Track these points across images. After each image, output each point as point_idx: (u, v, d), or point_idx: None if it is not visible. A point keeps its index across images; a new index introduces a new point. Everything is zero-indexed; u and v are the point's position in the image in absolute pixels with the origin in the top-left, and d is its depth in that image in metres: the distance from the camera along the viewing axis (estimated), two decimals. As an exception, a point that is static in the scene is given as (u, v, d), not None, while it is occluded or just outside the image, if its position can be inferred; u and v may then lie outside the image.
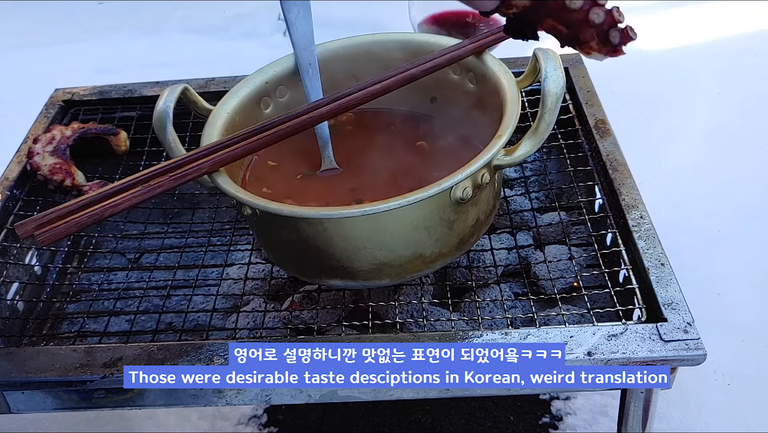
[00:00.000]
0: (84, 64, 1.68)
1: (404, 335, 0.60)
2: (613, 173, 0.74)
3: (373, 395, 0.63)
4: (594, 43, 0.42)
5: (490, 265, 0.73)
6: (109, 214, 0.59)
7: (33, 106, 0.96)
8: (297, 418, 0.91)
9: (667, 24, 1.66)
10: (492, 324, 0.68)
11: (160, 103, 0.65)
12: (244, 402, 0.64)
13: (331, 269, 0.62)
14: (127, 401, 0.64)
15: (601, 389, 0.62)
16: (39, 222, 0.57)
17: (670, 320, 0.59)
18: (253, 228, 0.69)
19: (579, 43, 0.43)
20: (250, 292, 0.74)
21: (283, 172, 0.72)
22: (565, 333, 0.59)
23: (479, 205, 0.62)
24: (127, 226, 0.84)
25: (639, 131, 1.32)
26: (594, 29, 0.41)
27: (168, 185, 0.61)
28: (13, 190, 0.81)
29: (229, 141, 0.63)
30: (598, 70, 0.79)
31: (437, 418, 0.89)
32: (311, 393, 0.63)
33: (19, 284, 0.78)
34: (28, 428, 0.90)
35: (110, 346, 0.62)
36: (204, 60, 1.53)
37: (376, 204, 0.55)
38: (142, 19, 1.85)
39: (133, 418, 0.92)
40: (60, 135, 0.86)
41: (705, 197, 1.17)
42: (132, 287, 0.79)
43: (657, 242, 0.66)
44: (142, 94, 0.95)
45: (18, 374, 0.61)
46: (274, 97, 0.75)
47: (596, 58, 0.43)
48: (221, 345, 0.61)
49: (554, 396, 0.91)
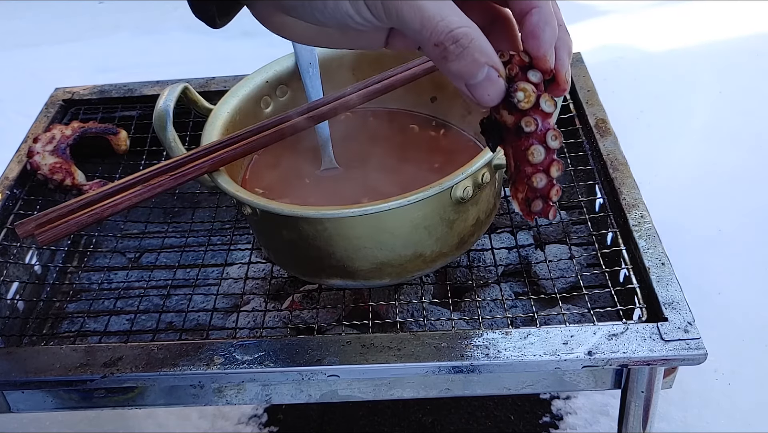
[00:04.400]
0: (84, 64, 1.68)
1: (404, 335, 0.60)
2: (613, 173, 0.74)
3: (373, 394, 0.63)
4: (520, 195, 0.43)
5: (490, 264, 0.73)
6: (110, 213, 0.59)
7: (33, 106, 0.96)
8: (297, 417, 0.91)
9: (668, 23, 1.66)
10: (492, 324, 0.68)
11: (160, 102, 0.65)
12: (245, 401, 0.64)
13: (331, 269, 0.62)
14: (127, 401, 0.64)
15: (602, 388, 0.63)
16: (39, 221, 0.57)
17: (670, 320, 0.59)
18: (254, 227, 0.69)
19: (513, 184, 0.43)
20: (250, 291, 0.74)
21: (283, 171, 0.72)
22: (565, 333, 0.59)
23: (479, 205, 0.62)
24: (128, 225, 0.84)
25: (639, 131, 1.32)
26: (528, 185, 0.42)
27: (168, 185, 0.61)
28: (13, 189, 0.81)
29: (229, 140, 0.63)
30: (598, 69, 0.79)
31: (437, 417, 0.89)
32: (311, 393, 0.63)
33: (19, 284, 0.78)
34: (28, 427, 0.90)
35: (110, 345, 0.62)
36: (204, 59, 1.53)
37: (377, 203, 0.55)
38: (142, 18, 1.85)
39: (133, 418, 0.92)
40: (60, 134, 0.86)
41: (705, 197, 1.17)
42: (132, 286, 0.79)
43: (657, 242, 0.66)
44: (143, 94, 0.95)
45: (18, 374, 0.61)
46: (275, 96, 0.75)
47: (514, 203, 0.44)
48: (221, 345, 0.61)
49: (554, 396, 0.91)
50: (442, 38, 0.36)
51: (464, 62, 0.37)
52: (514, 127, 0.40)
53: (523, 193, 0.42)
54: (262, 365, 0.59)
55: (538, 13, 0.38)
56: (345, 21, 0.38)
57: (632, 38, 1.62)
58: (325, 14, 0.38)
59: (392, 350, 0.59)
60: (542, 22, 0.38)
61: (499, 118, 0.41)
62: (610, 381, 0.62)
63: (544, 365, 0.58)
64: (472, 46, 0.37)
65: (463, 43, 0.36)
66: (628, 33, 1.64)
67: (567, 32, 0.40)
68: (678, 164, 1.24)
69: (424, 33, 0.36)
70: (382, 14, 0.37)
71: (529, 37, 0.38)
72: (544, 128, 0.40)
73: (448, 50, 0.36)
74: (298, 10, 0.39)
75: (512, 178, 0.42)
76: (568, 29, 0.41)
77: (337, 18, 0.38)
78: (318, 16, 0.38)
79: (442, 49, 0.36)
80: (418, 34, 0.36)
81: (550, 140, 0.41)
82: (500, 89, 0.38)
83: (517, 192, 0.42)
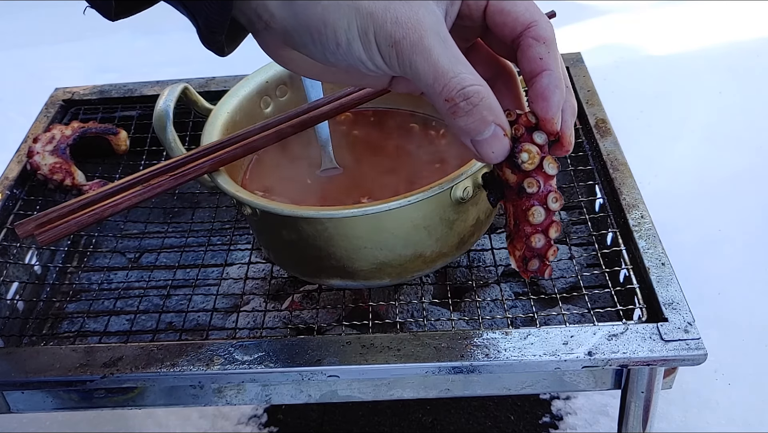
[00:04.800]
0: (84, 64, 1.68)
1: (404, 335, 0.60)
2: (613, 173, 0.74)
3: (373, 394, 0.63)
4: (518, 253, 0.44)
5: (490, 264, 0.73)
6: (109, 213, 0.59)
7: (33, 106, 0.96)
8: (297, 418, 0.91)
9: (668, 23, 1.66)
10: (492, 324, 0.68)
11: (160, 102, 0.65)
12: (245, 402, 0.64)
13: (331, 269, 0.62)
14: (127, 401, 0.64)
15: (602, 388, 0.63)
16: (39, 221, 0.57)
17: (670, 320, 0.59)
18: (253, 227, 0.68)
19: (511, 241, 0.44)
20: (250, 291, 0.74)
21: (283, 171, 0.72)
22: (565, 333, 0.59)
23: (479, 205, 0.62)
24: (127, 225, 0.84)
25: (639, 131, 1.32)
26: (526, 245, 0.43)
27: (168, 185, 0.61)
28: (13, 189, 0.81)
29: (229, 140, 0.63)
30: (598, 69, 0.79)
31: (437, 417, 0.89)
32: (311, 393, 0.63)
33: (19, 284, 0.78)
34: (28, 428, 0.90)
35: (110, 346, 0.62)
36: (204, 59, 1.52)
37: (377, 204, 0.55)
38: (142, 18, 1.84)
39: (133, 418, 0.92)
40: (60, 134, 0.86)
41: (705, 197, 1.17)
42: (132, 286, 0.78)
43: (657, 242, 0.66)
44: (143, 94, 0.95)
45: (18, 374, 0.61)
46: (275, 96, 0.75)
47: (511, 260, 0.45)
48: (221, 345, 0.61)
49: (554, 396, 0.91)
50: (454, 95, 0.36)
51: (472, 119, 0.37)
52: (516, 186, 0.41)
53: (521, 252, 0.43)
54: (262, 365, 0.59)
55: (548, 76, 0.38)
56: (355, 65, 0.38)
57: (632, 38, 1.62)
58: (336, 56, 0.38)
59: (392, 350, 0.59)
60: (552, 86, 0.38)
61: (501, 175, 0.42)
62: (610, 381, 0.62)
63: (544, 366, 0.57)
64: (482, 104, 0.37)
65: (473, 101, 0.37)
66: (628, 33, 1.64)
67: (572, 94, 0.41)
68: (678, 164, 1.24)
69: (436, 87, 0.37)
70: (396, 63, 0.37)
71: (538, 98, 0.38)
72: (545, 190, 0.41)
73: (458, 106, 0.37)
74: (309, 48, 0.39)
75: (511, 235, 0.44)
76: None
77: (348, 61, 0.38)
78: (329, 57, 0.38)
79: (452, 104, 0.37)
80: (430, 88, 0.37)
81: (551, 202, 0.41)
82: (505, 148, 0.39)
83: (515, 249, 0.44)
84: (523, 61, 0.39)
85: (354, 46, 0.37)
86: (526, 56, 0.38)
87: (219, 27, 0.39)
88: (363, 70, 0.38)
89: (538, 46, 0.38)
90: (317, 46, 0.38)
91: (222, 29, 0.39)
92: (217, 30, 0.40)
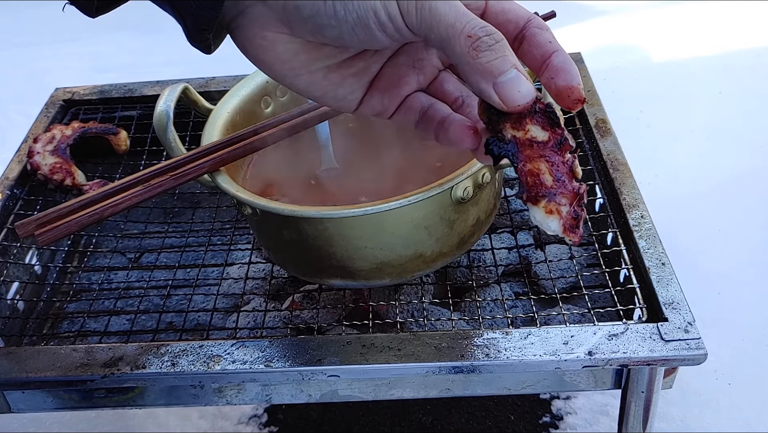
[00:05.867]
0: (84, 64, 1.68)
1: (404, 335, 0.60)
2: (613, 173, 0.74)
3: (374, 394, 0.63)
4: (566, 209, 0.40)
5: (490, 264, 0.73)
6: (110, 213, 0.59)
7: (33, 106, 0.96)
8: (297, 417, 0.91)
9: (668, 23, 1.66)
10: (492, 324, 0.68)
11: (160, 102, 0.65)
12: (245, 401, 0.64)
13: (331, 269, 0.62)
14: (128, 401, 0.64)
15: (602, 388, 0.63)
16: (39, 221, 0.57)
17: (670, 320, 0.59)
18: (254, 227, 0.69)
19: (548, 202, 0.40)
20: (250, 291, 0.74)
21: (283, 171, 0.72)
22: (565, 333, 0.59)
23: (480, 205, 0.62)
24: (128, 225, 0.84)
25: (639, 131, 1.32)
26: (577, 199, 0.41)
27: (168, 185, 0.61)
28: (13, 189, 0.81)
29: (229, 140, 0.63)
30: (598, 70, 0.79)
31: (437, 417, 0.89)
32: (311, 393, 0.63)
33: (20, 284, 0.78)
34: (28, 428, 0.90)
35: (111, 345, 0.62)
36: (204, 59, 1.52)
37: (377, 204, 0.55)
38: (142, 18, 1.85)
39: (134, 418, 0.92)
40: (60, 134, 0.86)
41: (705, 197, 1.17)
42: (132, 286, 0.78)
43: (658, 242, 0.66)
44: (143, 94, 0.95)
45: (18, 374, 0.61)
46: (275, 96, 0.75)
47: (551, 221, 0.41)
48: (222, 345, 0.61)
49: (555, 396, 0.91)
50: (476, 30, 0.36)
51: (496, 55, 0.37)
52: (554, 140, 0.40)
53: (568, 207, 0.40)
54: (262, 365, 0.59)
55: (562, 54, 0.39)
56: (365, 18, 0.38)
57: (632, 38, 1.62)
58: (347, 7, 0.37)
59: (392, 350, 0.59)
60: (568, 60, 0.39)
61: (522, 137, 0.40)
62: (610, 381, 0.62)
63: (544, 365, 0.58)
64: (504, 42, 0.37)
65: (496, 37, 0.37)
66: (628, 33, 1.64)
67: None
68: (678, 164, 1.24)
69: (458, 25, 0.36)
70: (413, 8, 0.37)
71: (559, 72, 0.39)
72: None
73: (482, 40, 0.36)
74: (318, 2, 0.38)
75: (545, 195, 0.40)
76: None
77: (358, 12, 0.37)
78: (338, 10, 0.38)
79: (475, 39, 0.36)
80: (451, 28, 0.36)
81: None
82: (530, 89, 0.38)
83: (559, 207, 0.40)
84: (533, 48, 0.39)
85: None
86: (535, 42, 0.39)
87: (208, 24, 0.39)
88: (371, 25, 0.38)
89: (544, 32, 0.39)
90: (327, 6, 0.38)
91: (211, 26, 0.39)
92: (207, 28, 0.40)
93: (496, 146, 0.40)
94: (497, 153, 0.40)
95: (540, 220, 0.40)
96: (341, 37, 0.39)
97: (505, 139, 0.40)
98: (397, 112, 0.46)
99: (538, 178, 0.40)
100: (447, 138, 0.43)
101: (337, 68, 0.43)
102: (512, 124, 0.39)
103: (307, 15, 0.39)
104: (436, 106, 0.45)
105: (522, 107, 0.38)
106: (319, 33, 0.39)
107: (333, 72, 0.43)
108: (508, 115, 0.39)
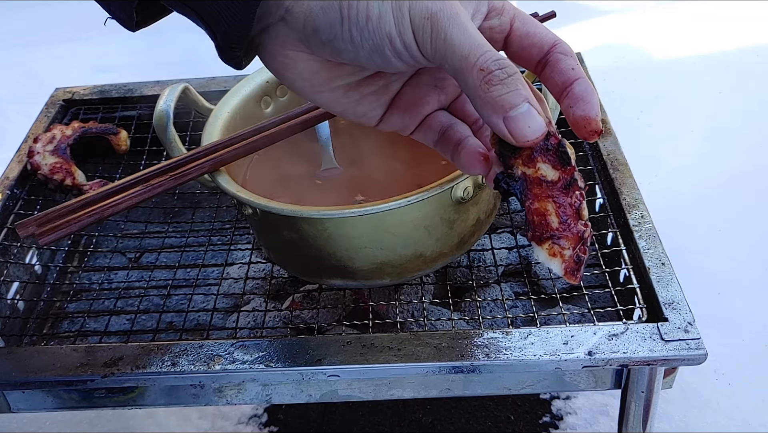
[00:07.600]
0: (84, 64, 1.68)
1: (404, 335, 0.60)
2: (613, 173, 0.74)
3: (374, 394, 0.63)
4: (568, 253, 0.40)
5: (490, 264, 0.73)
6: (110, 213, 0.59)
7: (33, 106, 0.96)
8: (297, 417, 0.91)
9: (668, 23, 1.66)
10: (492, 324, 0.68)
11: (160, 102, 0.65)
12: (245, 401, 0.64)
13: (331, 269, 0.62)
14: (128, 401, 0.64)
15: (602, 388, 0.63)
16: (39, 221, 0.57)
17: (670, 320, 0.59)
18: (254, 227, 0.69)
19: (551, 243, 0.40)
20: (250, 291, 0.74)
21: (283, 171, 0.72)
22: (565, 333, 0.59)
23: (480, 205, 0.62)
24: (128, 225, 0.84)
25: (639, 131, 1.32)
26: (581, 241, 0.40)
27: (168, 185, 0.61)
28: (13, 189, 0.81)
29: (229, 140, 0.63)
30: (598, 69, 0.79)
31: (437, 417, 0.89)
32: (311, 392, 0.63)
33: (20, 284, 0.78)
34: (28, 427, 0.90)
35: (111, 345, 0.62)
36: (204, 59, 1.53)
37: (377, 204, 0.55)
38: (142, 18, 1.85)
39: (134, 418, 0.92)
40: (60, 134, 0.86)
41: (705, 197, 1.17)
42: (132, 286, 0.79)
43: (658, 242, 0.66)
44: (143, 94, 0.95)
45: (18, 374, 0.61)
46: (275, 96, 0.75)
47: (553, 264, 0.41)
48: (222, 345, 0.61)
49: (554, 396, 0.91)
50: (489, 63, 0.36)
51: (507, 89, 0.36)
52: (563, 181, 0.40)
53: (571, 250, 0.40)
54: (262, 365, 0.59)
55: (584, 82, 0.39)
56: (381, 45, 0.38)
57: (632, 38, 1.62)
58: (363, 33, 0.38)
59: (392, 350, 0.59)
60: (590, 89, 0.39)
61: (532, 174, 0.40)
62: (610, 381, 0.62)
63: (544, 365, 0.58)
64: (517, 76, 0.37)
65: (508, 70, 0.37)
66: (628, 33, 1.64)
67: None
68: (678, 164, 1.24)
69: (471, 57, 0.36)
70: (428, 38, 0.37)
71: (579, 101, 0.39)
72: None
73: (494, 74, 0.36)
74: (335, 27, 0.38)
75: (550, 236, 0.40)
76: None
77: (374, 39, 0.38)
78: (354, 36, 0.38)
79: (487, 73, 0.36)
80: (464, 60, 0.36)
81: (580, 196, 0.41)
82: (541, 125, 0.38)
83: (562, 250, 0.40)
84: (555, 74, 0.40)
85: (385, 19, 0.37)
86: (558, 69, 0.39)
87: (238, 42, 0.40)
88: (387, 52, 0.38)
89: (568, 59, 0.39)
90: (344, 23, 0.38)
91: (240, 44, 0.40)
92: (237, 46, 0.40)
93: (506, 183, 0.41)
94: (506, 189, 0.41)
95: (543, 260, 0.41)
96: (358, 60, 0.40)
97: (514, 176, 0.40)
98: (417, 131, 0.46)
99: (544, 218, 0.40)
100: (459, 161, 0.44)
101: (356, 86, 0.43)
102: (523, 160, 0.39)
103: (325, 39, 0.39)
104: (456, 127, 0.45)
105: (532, 143, 0.38)
106: (338, 55, 0.40)
107: (353, 90, 0.43)
108: (520, 149, 0.39)
